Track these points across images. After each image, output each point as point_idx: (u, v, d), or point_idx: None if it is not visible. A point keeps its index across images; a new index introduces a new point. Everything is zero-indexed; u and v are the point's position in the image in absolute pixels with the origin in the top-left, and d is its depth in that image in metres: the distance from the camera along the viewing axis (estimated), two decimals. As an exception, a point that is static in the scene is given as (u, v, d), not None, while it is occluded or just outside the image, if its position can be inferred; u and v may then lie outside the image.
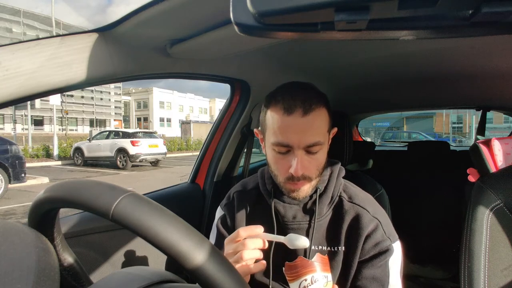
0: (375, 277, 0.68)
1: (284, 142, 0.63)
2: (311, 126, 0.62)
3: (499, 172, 0.82)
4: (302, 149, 0.64)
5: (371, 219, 0.70)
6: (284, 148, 0.64)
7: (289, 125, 0.62)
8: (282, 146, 0.64)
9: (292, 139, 0.63)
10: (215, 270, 0.33)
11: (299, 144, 0.63)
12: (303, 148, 0.64)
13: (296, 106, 0.62)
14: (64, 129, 26.45)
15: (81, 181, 0.37)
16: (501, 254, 0.73)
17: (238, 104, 1.30)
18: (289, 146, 0.64)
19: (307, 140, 0.63)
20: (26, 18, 25.68)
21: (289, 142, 0.63)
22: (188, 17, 0.66)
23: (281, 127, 0.63)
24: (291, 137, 0.63)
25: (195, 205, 1.31)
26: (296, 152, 0.64)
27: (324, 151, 0.68)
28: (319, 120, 0.64)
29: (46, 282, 0.31)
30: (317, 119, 0.63)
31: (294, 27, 0.33)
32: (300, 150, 0.64)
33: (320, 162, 0.67)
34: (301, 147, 0.63)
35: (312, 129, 0.63)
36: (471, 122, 20.97)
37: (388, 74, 1.36)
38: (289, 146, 0.64)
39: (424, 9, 0.28)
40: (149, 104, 36.64)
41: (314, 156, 0.65)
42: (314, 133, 0.63)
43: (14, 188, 6.48)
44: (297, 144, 0.63)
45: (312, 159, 0.65)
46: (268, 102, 0.67)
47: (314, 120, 0.62)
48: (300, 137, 0.62)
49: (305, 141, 0.63)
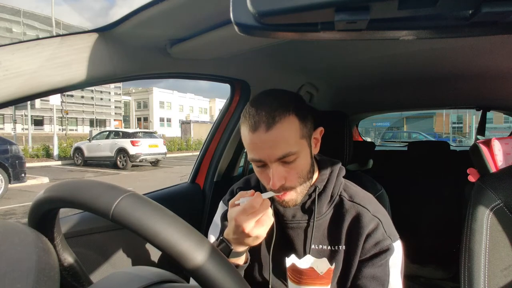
0: (375, 276, 0.68)
1: (255, 158, 0.64)
2: (276, 140, 0.61)
3: (499, 172, 0.82)
4: (274, 162, 0.63)
5: (372, 218, 0.70)
6: (259, 162, 0.65)
7: (255, 142, 0.62)
8: (255, 161, 0.65)
9: (261, 154, 0.63)
10: (215, 270, 0.33)
11: (269, 159, 0.63)
12: (276, 161, 0.63)
13: (260, 122, 0.61)
14: (64, 129, 26.44)
15: (81, 181, 0.37)
16: (501, 254, 0.73)
17: (238, 104, 1.30)
18: (261, 161, 0.64)
19: (275, 154, 0.62)
20: (26, 18, 25.68)
21: (260, 157, 0.63)
22: (188, 17, 0.66)
23: (250, 145, 0.63)
24: (260, 153, 0.63)
25: (195, 205, 1.31)
26: (270, 165, 0.64)
27: (304, 157, 0.66)
28: (286, 131, 0.62)
29: (46, 282, 0.31)
30: (283, 131, 0.61)
31: (294, 27, 0.33)
32: (274, 163, 0.63)
33: (301, 169, 0.66)
34: (272, 161, 0.63)
35: (279, 142, 0.61)
36: (471, 122, 20.95)
37: (388, 74, 1.36)
38: (262, 161, 0.64)
39: (424, 9, 0.28)
40: (149, 104, 36.64)
41: (292, 165, 0.64)
42: (281, 146, 0.61)
43: (14, 188, 6.47)
44: (268, 159, 0.63)
45: (290, 168, 0.65)
46: (242, 116, 0.66)
47: (279, 133, 0.61)
48: (268, 152, 0.62)
49: (274, 155, 0.62)
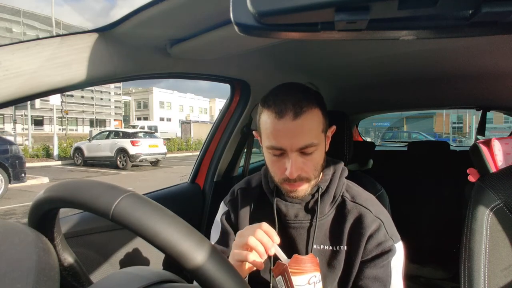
0: (377, 277, 0.68)
1: (277, 145, 0.64)
2: (302, 129, 0.62)
3: (499, 172, 0.82)
4: (295, 151, 0.64)
5: (374, 219, 0.70)
6: (278, 151, 0.65)
7: (280, 129, 0.62)
8: (275, 149, 0.65)
9: (284, 143, 0.63)
10: (215, 270, 0.33)
11: (291, 147, 0.63)
12: (297, 150, 0.64)
13: (286, 109, 0.62)
14: (64, 129, 26.44)
15: (81, 181, 0.37)
16: (501, 254, 0.73)
17: (238, 104, 1.30)
18: (282, 149, 0.64)
19: (299, 143, 0.63)
20: (26, 18, 25.70)
21: (281, 145, 0.63)
22: (188, 17, 0.66)
23: (273, 132, 0.63)
24: (283, 141, 0.63)
25: (195, 205, 1.31)
26: (289, 154, 0.64)
27: (321, 151, 0.68)
28: (311, 122, 0.63)
29: (46, 282, 0.31)
30: (309, 121, 0.63)
31: (294, 27, 0.33)
32: (294, 153, 0.64)
33: (317, 162, 0.67)
34: (294, 150, 0.63)
35: (304, 131, 0.63)
36: (471, 122, 20.93)
37: (388, 74, 1.36)
38: (282, 149, 0.64)
39: (424, 9, 0.28)
40: (149, 104, 36.67)
41: (310, 157, 0.65)
42: (306, 136, 0.63)
43: (14, 188, 6.47)
44: (290, 147, 0.63)
45: (308, 160, 0.65)
46: (262, 105, 0.67)
47: (305, 122, 0.62)
48: (291, 140, 0.63)
49: (297, 144, 0.63)
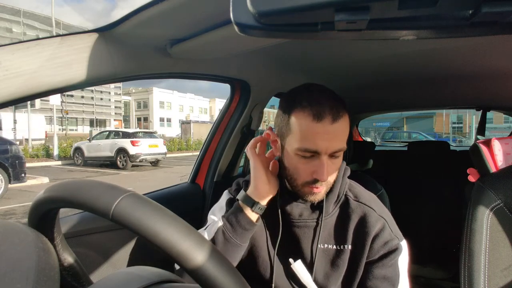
0: (386, 277, 0.68)
1: (311, 148, 0.63)
2: (338, 133, 0.63)
3: (499, 172, 0.82)
4: (327, 154, 0.64)
5: (378, 218, 0.70)
6: (310, 153, 0.64)
7: (318, 132, 0.62)
8: (308, 151, 0.64)
9: (321, 145, 0.62)
10: (215, 270, 0.33)
11: (326, 151, 0.63)
12: (329, 154, 0.64)
13: (325, 112, 0.61)
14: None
15: (81, 181, 0.37)
16: (501, 254, 0.73)
17: (238, 104, 1.30)
18: (316, 152, 0.63)
19: (334, 146, 0.63)
20: (26, 18, 25.69)
21: (317, 148, 0.63)
22: (188, 17, 0.66)
23: (310, 134, 0.62)
24: (320, 143, 0.62)
25: (195, 205, 1.31)
26: (322, 157, 0.63)
27: (342, 155, 0.69)
28: (345, 127, 0.64)
29: (46, 282, 0.31)
30: (344, 126, 0.64)
31: (294, 27, 0.33)
32: (326, 156, 0.64)
33: (339, 165, 0.69)
34: (328, 153, 0.63)
35: (339, 136, 0.63)
36: (471, 122, 20.94)
37: (388, 74, 1.36)
38: (315, 152, 0.63)
39: (424, 9, 0.28)
40: (149, 104, 36.63)
41: (335, 161, 0.66)
42: (340, 140, 0.64)
43: (14, 188, 6.47)
44: (325, 151, 0.63)
45: (334, 163, 0.66)
46: (291, 106, 0.65)
47: (341, 127, 0.63)
48: (328, 144, 0.62)
49: (332, 147, 0.63)
